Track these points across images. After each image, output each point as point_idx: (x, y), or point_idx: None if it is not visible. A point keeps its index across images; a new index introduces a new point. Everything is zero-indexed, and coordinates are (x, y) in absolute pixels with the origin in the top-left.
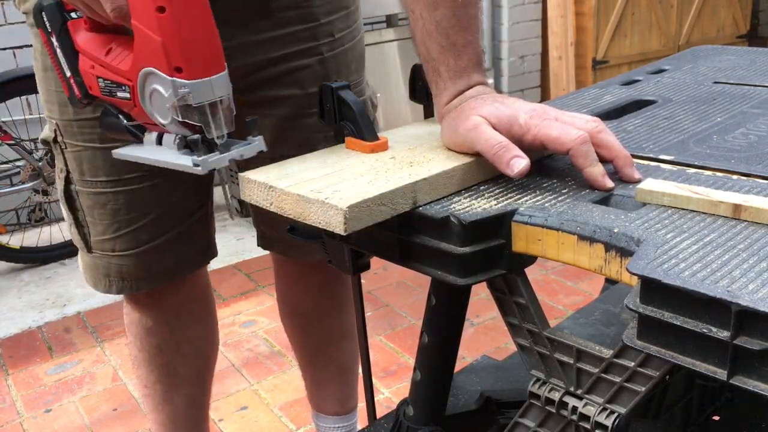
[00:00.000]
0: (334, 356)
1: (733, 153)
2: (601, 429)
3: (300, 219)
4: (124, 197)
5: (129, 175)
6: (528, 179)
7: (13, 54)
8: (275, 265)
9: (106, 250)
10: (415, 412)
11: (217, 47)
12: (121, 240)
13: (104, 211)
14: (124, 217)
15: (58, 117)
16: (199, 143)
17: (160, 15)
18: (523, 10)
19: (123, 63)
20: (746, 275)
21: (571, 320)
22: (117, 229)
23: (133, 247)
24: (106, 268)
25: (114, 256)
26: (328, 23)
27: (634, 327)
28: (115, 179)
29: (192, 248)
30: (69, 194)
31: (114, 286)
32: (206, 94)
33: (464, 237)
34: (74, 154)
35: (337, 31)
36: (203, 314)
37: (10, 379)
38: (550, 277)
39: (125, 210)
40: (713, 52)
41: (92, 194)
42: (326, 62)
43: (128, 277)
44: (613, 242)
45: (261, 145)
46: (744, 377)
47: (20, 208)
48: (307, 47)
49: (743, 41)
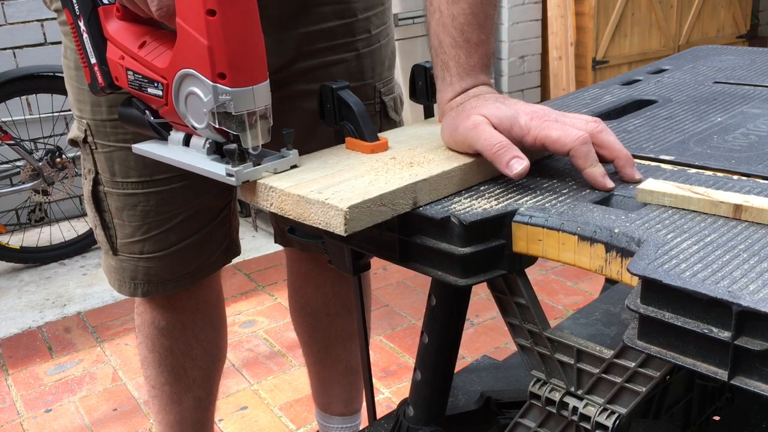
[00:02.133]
0: (341, 356)
1: (734, 153)
2: (601, 429)
3: (300, 220)
4: (155, 198)
5: (161, 176)
6: (528, 179)
7: (13, 54)
8: (288, 262)
9: (134, 252)
10: (415, 413)
11: (262, 56)
12: (150, 242)
13: (134, 213)
14: (154, 219)
15: (90, 117)
16: (235, 153)
17: (210, 18)
18: (523, 10)
19: (159, 59)
20: (747, 276)
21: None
22: (147, 230)
23: (161, 249)
24: (133, 271)
25: (142, 258)
26: (365, 19)
27: (634, 327)
28: (146, 180)
29: (217, 248)
30: (97, 196)
31: (140, 289)
32: (247, 103)
33: (464, 237)
34: (105, 154)
35: (373, 28)
36: (216, 318)
37: (10, 379)
38: (550, 277)
39: (155, 211)
40: (713, 52)
41: (122, 195)
42: (362, 58)
43: (155, 280)
44: (613, 243)
45: (295, 160)
46: (745, 378)
47: (20, 208)
48: (344, 42)
49: (743, 41)
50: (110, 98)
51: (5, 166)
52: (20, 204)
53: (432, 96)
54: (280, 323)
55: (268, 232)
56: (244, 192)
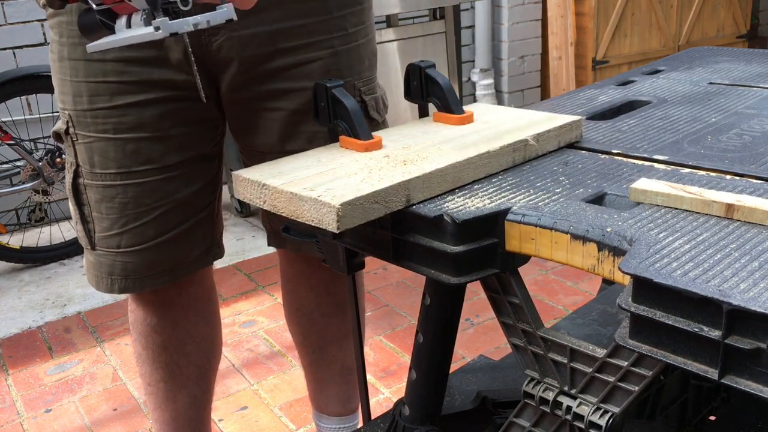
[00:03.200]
0: (337, 355)
1: (727, 153)
2: (595, 428)
3: (293, 217)
4: (133, 190)
5: (140, 168)
6: (521, 179)
7: (13, 54)
8: (282, 264)
9: (111, 246)
10: (411, 412)
11: None
12: (128, 235)
13: (112, 205)
14: (132, 212)
15: (72, 107)
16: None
17: None
18: (523, 10)
19: None
20: (738, 274)
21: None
22: (124, 224)
23: (139, 243)
24: (110, 266)
25: (119, 253)
26: (341, 17)
27: (626, 326)
28: (125, 171)
29: (196, 247)
30: (77, 188)
31: (117, 285)
32: None
33: (457, 236)
34: (85, 145)
35: (350, 26)
36: (208, 314)
37: (10, 379)
38: (549, 277)
39: (133, 204)
40: (709, 53)
41: (101, 187)
42: (339, 56)
43: (132, 275)
44: (605, 241)
45: (230, 13)
46: (735, 377)
47: (20, 208)
48: (319, 40)
49: (743, 41)
50: (90, 88)
51: (5, 166)
52: (20, 204)
53: (427, 95)
54: (280, 323)
55: None
56: (238, 189)
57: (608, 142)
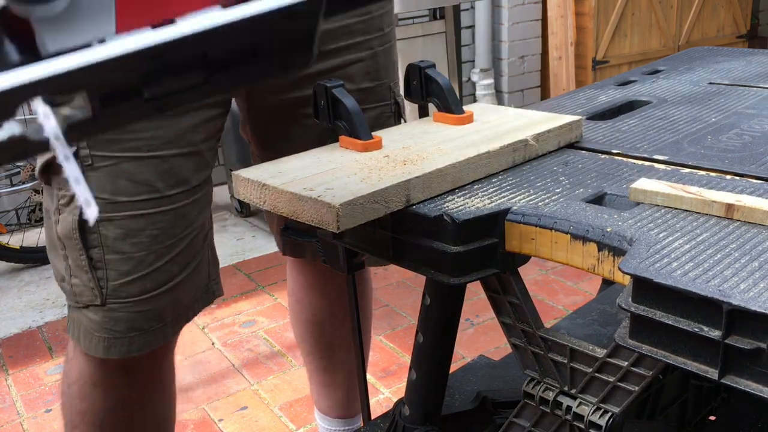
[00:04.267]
0: (345, 360)
1: (727, 153)
2: (595, 428)
3: (294, 217)
4: (164, 219)
5: (172, 191)
6: (521, 179)
7: None
8: (293, 272)
9: (132, 295)
10: (411, 412)
11: None
12: (152, 276)
13: (138, 240)
14: (160, 246)
15: None
16: None
17: None
18: (523, 10)
19: None
20: (738, 274)
21: (568, 320)
22: (152, 262)
23: (163, 284)
24: (128, 321)
25: (138, 301)
26: (379, 17)
27: (626, 326)
28: (157, 197)
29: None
30: (84, 228)
31: (136, 344)
32: None
33: (457, 236)
34: (107, 169)
35: (386, 26)
36: (169, 383)
37: (10, 379)
38: (550, 277)
39: (163, 236)
40: (708, 53)
41: (127, 219)
42: (377, 57)
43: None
44: (605, 241)
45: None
46: (735, 377)
47: (20, 208)
48: (360, 41)
49: (743, 41)
50: None
51: (5, 166)
52: (20, 204)
53: (427, 95)
54: (280, 323)
55: (268, 232)
56: (238, 189)
57: (608, 142)
